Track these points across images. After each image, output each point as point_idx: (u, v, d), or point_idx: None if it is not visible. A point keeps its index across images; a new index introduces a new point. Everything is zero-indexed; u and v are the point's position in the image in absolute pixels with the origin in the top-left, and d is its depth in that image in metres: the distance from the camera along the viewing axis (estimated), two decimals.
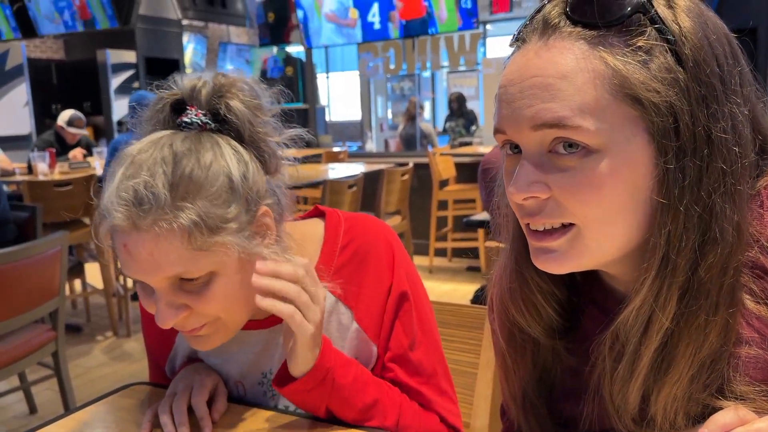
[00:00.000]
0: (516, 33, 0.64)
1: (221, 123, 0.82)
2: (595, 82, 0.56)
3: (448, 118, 8.97)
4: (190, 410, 0.89)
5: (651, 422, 0.63)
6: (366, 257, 0.94)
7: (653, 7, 0.57)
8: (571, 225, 0.60)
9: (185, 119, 0.81)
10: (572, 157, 0.58)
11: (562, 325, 0.72)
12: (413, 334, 0.95)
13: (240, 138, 0.82)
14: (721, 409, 0.60)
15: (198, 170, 0.77)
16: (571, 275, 0.70)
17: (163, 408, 0.89)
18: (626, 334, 0.62)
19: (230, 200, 0.78)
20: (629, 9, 0.56)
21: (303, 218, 1.00)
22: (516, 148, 0.62)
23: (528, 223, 0.63)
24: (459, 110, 8.81)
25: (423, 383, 0.95)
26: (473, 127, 8.64)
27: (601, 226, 0.59)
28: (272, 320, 0.93)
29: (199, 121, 0.81)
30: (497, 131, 0.63)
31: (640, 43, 0.56)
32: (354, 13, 6.02)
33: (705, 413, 0.61)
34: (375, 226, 0.98)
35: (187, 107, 0.82)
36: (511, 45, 0.65)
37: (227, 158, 0.79)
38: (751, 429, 0.57)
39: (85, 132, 5.44)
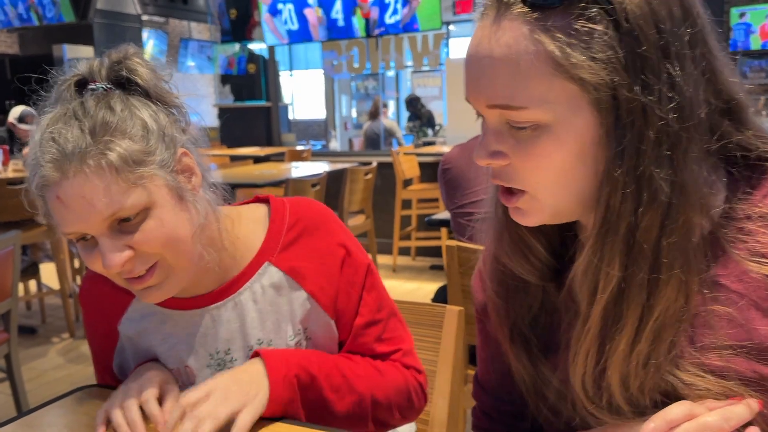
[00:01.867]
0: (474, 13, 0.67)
1: (126, 87, 0.85)
2: (537, 63, 0.59)
3: (408, 119, 9.03)
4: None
5: (610, 404, 0.65)
6: (314, 234, 0.98)
7: None
8: (523, 191, 0.65)
9: (91, 87, 0.84)
10: (525, 130, 0.62)
11: (554, 266, 0.75)
12: (380, 301, 1.02)
13: (147, 96, 0.86)
14: (683, 387, 0.62)
15: (111, 116, 0.81)
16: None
17: (112, 407, 0.87)
18: (578, 291, 0.66)
19: (148, 137, 0.82)
20: None
21: (243, 204, 1.04)
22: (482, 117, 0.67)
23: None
24: (415, 111, 8.87)
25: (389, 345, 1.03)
26: (430, 129, 8.70)
27: (552, 190, 0.64)
28: (211, 298, 0.95)
29: (103, 87, 0.84)
30: (468, 100, 0.68)
31: (580, 22, 0.58)
32: (318, 11, 6.02)
33: (666, 400, 0.62)
34: (318, 205, 1.02)
35: (89, 83, 0.85)
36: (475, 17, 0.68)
37: (138, 109, 0.83)
38: (698, 423, 0.58)
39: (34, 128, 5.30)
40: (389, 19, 5.87)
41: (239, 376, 0.87)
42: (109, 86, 0.84)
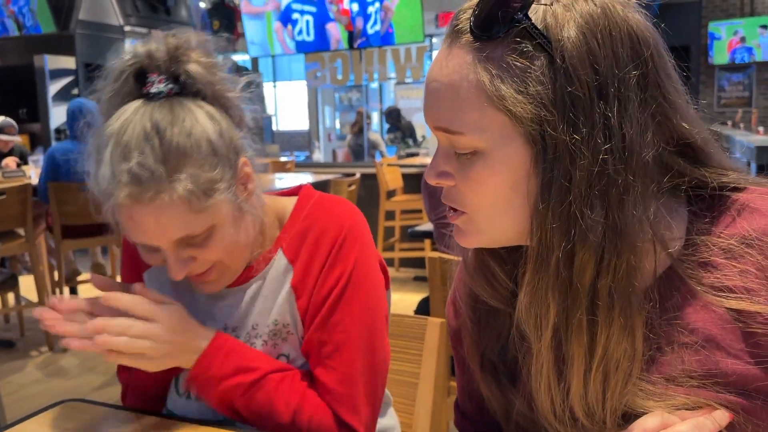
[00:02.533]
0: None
1: (184, 86, 0.87)
2: (475, 92, 0.61)
3: (388, 131, 9.08)
4: None
5: (575, 420, 0.65)
6: (322, 235, 0.97)
7: (532, 21, 0.59)
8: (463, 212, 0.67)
9: (152, 90, 0.85)
10: (466, 155, 0.64)
11: (516, 291, 0.74)
12: (342, 331, 0.95)
13: (205, 98, 0.88)
14: (647, 410, 0.62)
15: (182, 139, 0.83)
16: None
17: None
18: (524, 329, 0.66)
19: (215, 163, 0.86)
20: (507, 25, 0.59)
21: (285, 194, 1.07)
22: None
23: None
24: (396, 123, 8.93)
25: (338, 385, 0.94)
26: (411, 140, 8.75)
27: (488, 214, 0.65)
28: (238, 280, 0.98)
29: (165, 90, 0.86)
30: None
31: (514, 56, 0.59)
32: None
33: (637, 413, 0.63)
34: (345, 209, 1.01)
35: (149, 75, 0.86)
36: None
37: (202, 121, 0.85)
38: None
39: (18, 139, 5.24)
40: (371, 30, 5.92)
41: (196, 337, 0.91)
42: (169, 88, 0.86)
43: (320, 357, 0.95)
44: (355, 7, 5.91)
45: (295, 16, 6.10)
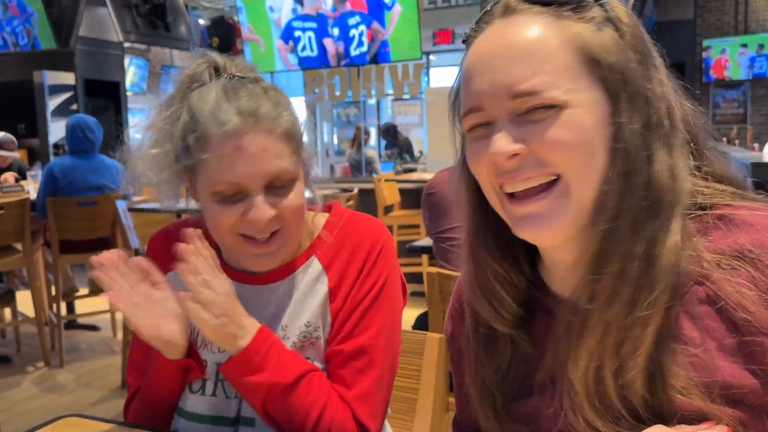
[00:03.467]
0: (470, 28, 0.70)
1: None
2: (563, 46, 0.64)
3: (386, 146, 9.11)
4: None
5: (607, 412, 0.65)
6: (358, 245, 1.02)
7: None
8: (554, 183, 0.65)
9: (235, 74, 0.96)
10: (543, 112, 0.64)
11: (521, 316, 0.75)
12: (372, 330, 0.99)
13: None
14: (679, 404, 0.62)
15: (282, 97, 0.96)
16: (522, 269, 0.75)
17: None
18: (584, 280, 0.66)
19: (299, 122, 0.97)
20: None
21: (314, 210, 1.10)
22: (481, 125, 0.68)
23: (503, 186, 0.67)
24: (392, 140, 8.96)
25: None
26: (408, 155, 8.77)
27: (579, 172, 0.65)
28: (269, 277, 1.01)
29: (244, 75, 0.96)
30: (471, 110, 0.68)
31: (591, 15, 0.65)
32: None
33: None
34: (377, 224, 1.06)
35: (223, 72, 0.97)
36: (466, 40, 0.71)
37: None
38: None
39: (17, 155, 5.26)
40: (354, 51, 5.98)
41: (241, 313, 0.94)
42: (248, 76, 0.97)
43: (347, 359, 0.97)
44: (336, 31, 5.99)
45: (297, 33, 6.15)
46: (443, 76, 11.89)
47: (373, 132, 9.63)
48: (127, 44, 7.91)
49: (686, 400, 0.62)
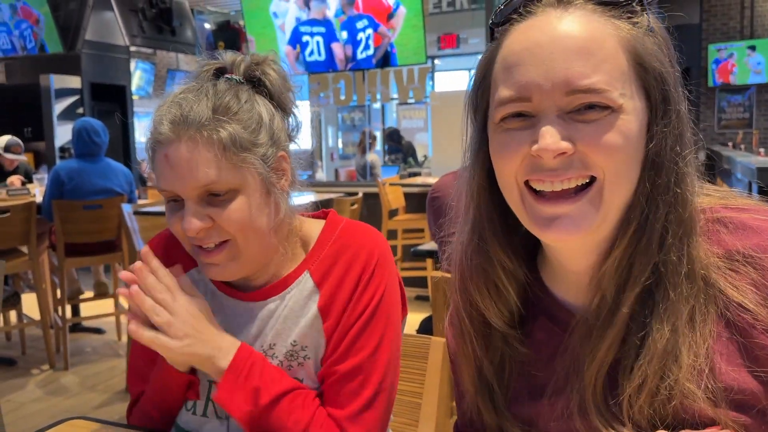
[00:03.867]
0: (510, 10, 0.67)
1: (256, 85, 0.97)
2: (620, 48, 0.63)
3: (390, 151, 9.12)
4: None
5: (617, 417, 0.65)
6: (352, 261, 0.99)
7: None
8: (590, 185, 0.64)
9: (227, 76, 0.96)
10: (594, 113, 0.62)
11: (519, 314, 0.75)
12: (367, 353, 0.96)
13: (271, 98, 0.97)
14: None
15: (235, 103, 0.91)
16: (527, 262, 0.75)
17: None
18: (607, 285, 0.66)
19: (259, 130, 0.93)
20: None
21: (312, 216, 1.09)
22: (520, 116, 0.65)
23: (531, 185, 0.65)
24: (396, 144, 8.97)
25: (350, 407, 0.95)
26: (412, 159, 8.77)
27: (617, 179, 0.64)
28: (261, 294, 0.99)
29: (238, 79, 0.95)
30: (515, 99, 0.64)
31: (640, 22, 0.65)
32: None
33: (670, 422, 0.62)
34: (372, 236, 1.03)
35: (227, 74, 0.96)
36: (503, 23, 0.68)
37: (259, 105, 0.94)
38: None
39: (23, 158, 5.28)
40: (361, 55, 6.01)
41: (217, 333, 0.93)
42: (242, 80, 0.95)
43: (342, 380, 0.95)
44: (344, 35, 6.01)
45: (305, 38, 6.17)
46: (448, 80, 11.90)
47: (379, 136, 9.66)
48: (133, 48, 7.94)
49: (692, 404, 0.62)
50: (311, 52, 6.18)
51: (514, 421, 0.75)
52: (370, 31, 5.92)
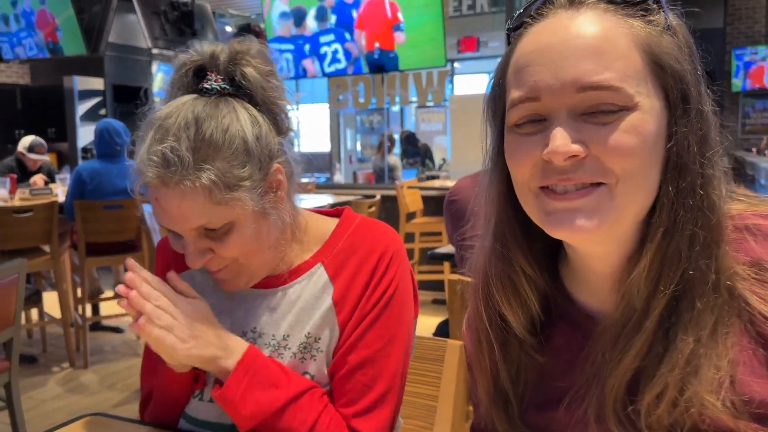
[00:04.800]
0: (519, 15, 0.67)
1: (237, 88, 0.92)
2: (633, 46, 0.62)
3: (407, 154, 9.12)
4: None
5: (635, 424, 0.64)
6: (368, 255, 0.99)
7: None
8: (599, 185, 0.62)
9: (206, 86, 0.92)
10: (609, 115, 0.61)
11: (539, 321, 0.74)
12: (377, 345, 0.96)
13: (254, 101, 0.93)
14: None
15: (217, 134, 0.88)
16: (549, 274, 0.74)
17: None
18: (635, 292, 0.64)
19: (245, 161, 0.90)
20: None
21: (328, 214, 1.08)
22: (531, 121, 0.64)
23: (547, 186, 0.64)
24: (412, 147, 8.96)
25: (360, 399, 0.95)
26: (429, 162, 8.76)
27: (631, 181, 0.62)
28: (267, 283, 1.00)
29: (218, 87, 0.91)
30: (525, 100, 0.63)
31: (656, 20, 0.64)
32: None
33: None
34: (387, 232, 1.03)
35: (208, 73, 0.93)
36: (515, 27, 0.68)
37: (243, 122, 0.90)
38: None
39: (47, 158, 5.36)
40: (329, 68, 6.12)
41: (222, 334, 0.93)
42: (222, 86, 0.92)
43: (352, 372, 0.95)
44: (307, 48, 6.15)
45: (324, 49, 6.21)
46: (468, 83, 11.87)
47: (398, 139, 9.67)
48: (155, 51, 8.03)
49: (711, 415, 0.61)
50: (330, 62, 6.22)
51: (527, 431, 0.74)
52: (336, 45, 5.97)
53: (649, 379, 0.63)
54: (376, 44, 5.86)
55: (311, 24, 6.17)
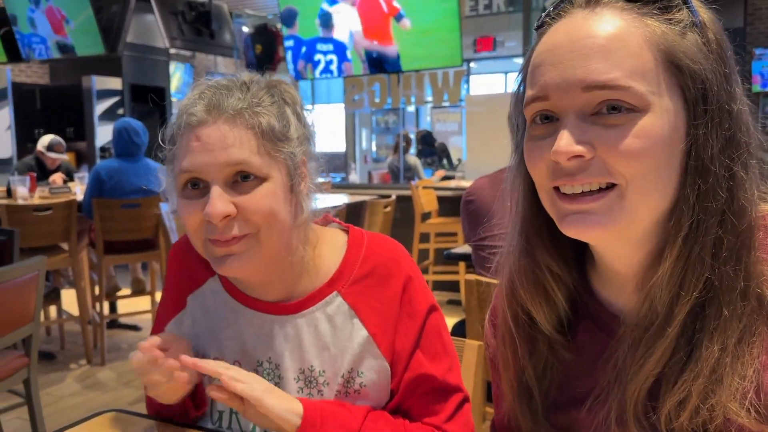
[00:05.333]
0: (545, 14, 0.67)
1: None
2: (646, 46, 0.61)
3: (423, 154, 9.12)
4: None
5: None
6: (386, 278, 0.97)
7: None
8: (611, 187, 0.62)
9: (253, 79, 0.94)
10: (618, 116, 0.60)
11: (567, 319, 0.74)
12: (442, 352, 0.99)
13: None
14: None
15: (269, 98, 0.91)
16: (571, 272, 0.73)
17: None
18: (657, 296, 0.63)
19: (289, 127, 0.92)
20: None
21: (325, 223, 1.06)
22: (546, 119, 0.65)
23: (558, 187, 0.64)
24: (428, 147, 8.95)
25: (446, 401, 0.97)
26: (446, 161, 8.74)
27: (642, 185, 0.61)
28: (278, 308, 0.97)
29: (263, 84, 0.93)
30: (535, 99, 0.64)
31: (678, 18, 0.62)
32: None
33: None
34: (395, 248, 1.02)
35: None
36: (539, 27, 0.68)
37: (287, 107, 0.93)
38: None
39: (65, 157, 5.41)
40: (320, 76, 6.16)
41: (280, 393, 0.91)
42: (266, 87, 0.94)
43: (426, 388, 0.96)
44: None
45: (318, 57, 6.24)
46: (484, 83, 11.83)
47: (414, 139, 9.67)
48: (172, 51, 8.09)
49: (735, 422, 0.60)
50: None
51: (551, 429, 0.74)
52: (333, 56, 5.97)
53: (671, 385, 0.62)
54: (375, 42, 5.84)
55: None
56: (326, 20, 6.08)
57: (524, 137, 0.69)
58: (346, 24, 5.97)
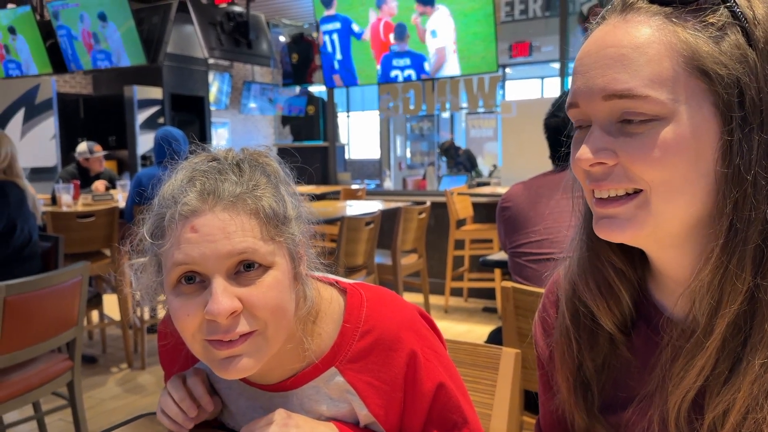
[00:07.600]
0: (595, 20, 0.68)
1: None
2: (666, 53, 0.60)
3: (448, 165, 9.12)
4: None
5: None
6: (388, 355, 0.90)
7: None
8: (637, 193, 0.62)
9: (239, 157, 0.85)
10: (640, 124, 0.60)
11: (630, 317, 0.72)
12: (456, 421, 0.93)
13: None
14: None
15: (264, 178, 0.83)
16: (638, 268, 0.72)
17: (163, 397, 0.94)
18: (698, 306, 0.62)
19: (288, 205, 0.84)
20: None
21: (320, 280, 0.97)
22: (583, 129, 0.66)
23: (593, 190, 0.66)
24: (452, 159, 8.93)
25: None
26: (473, 171, 8.71)
27: (666, 192, 0.61)
28: (276, 387, 0.93)
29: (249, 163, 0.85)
30: (571, 106, 0.66)
31: (712, 20, 0.60)
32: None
33: None
34: (396, 316, 0.92)
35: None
36: (588, 27, 0.69)
37: (278, 184, 0.85)
38: None
39: (105, 152, 5.58)
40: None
41: (315, 426, 0.89)
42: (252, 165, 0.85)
43: None
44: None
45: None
46: (519, 88, 11.75)
47: (437, 152, 9.67)
48: (211, 60, 8.24)
49: None
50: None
51: (606, 425, 0.73)
52: (410, 71, 5.92)
53: (714, 397, 0.61)
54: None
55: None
56: None
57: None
58: None
